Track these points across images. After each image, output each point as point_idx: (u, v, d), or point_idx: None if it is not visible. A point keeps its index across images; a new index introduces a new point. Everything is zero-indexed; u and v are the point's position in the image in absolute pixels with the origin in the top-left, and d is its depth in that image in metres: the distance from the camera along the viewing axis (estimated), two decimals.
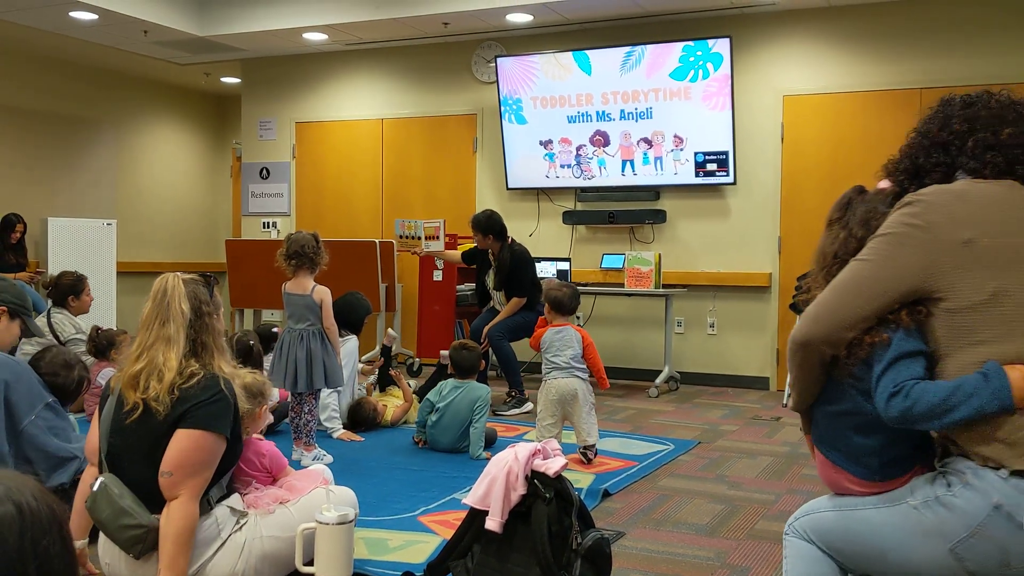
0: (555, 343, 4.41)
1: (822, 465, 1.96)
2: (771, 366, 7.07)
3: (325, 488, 2.71)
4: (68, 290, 5.40)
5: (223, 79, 10.04)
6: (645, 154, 7.28)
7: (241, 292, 7.85)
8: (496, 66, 7.68)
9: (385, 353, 5.56)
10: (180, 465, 2.33)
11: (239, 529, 2.48)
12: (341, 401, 5.01)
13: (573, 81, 7.41)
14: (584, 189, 7.61)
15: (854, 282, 1.84)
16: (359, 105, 8.62)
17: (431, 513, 3.47)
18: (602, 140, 7.42)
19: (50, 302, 5.44)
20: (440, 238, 6.63)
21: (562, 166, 7.59)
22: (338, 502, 2.62)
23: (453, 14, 7.15)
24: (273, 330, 5.29)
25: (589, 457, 4.31)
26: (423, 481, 3.95)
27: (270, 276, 5.10)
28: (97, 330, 5.05)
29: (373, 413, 5.09)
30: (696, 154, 7.10)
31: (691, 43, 6.97)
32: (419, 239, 6.70)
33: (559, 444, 2.79)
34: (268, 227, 9.06)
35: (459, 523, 2.72)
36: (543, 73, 7.50)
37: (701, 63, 6.96)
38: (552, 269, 7.16)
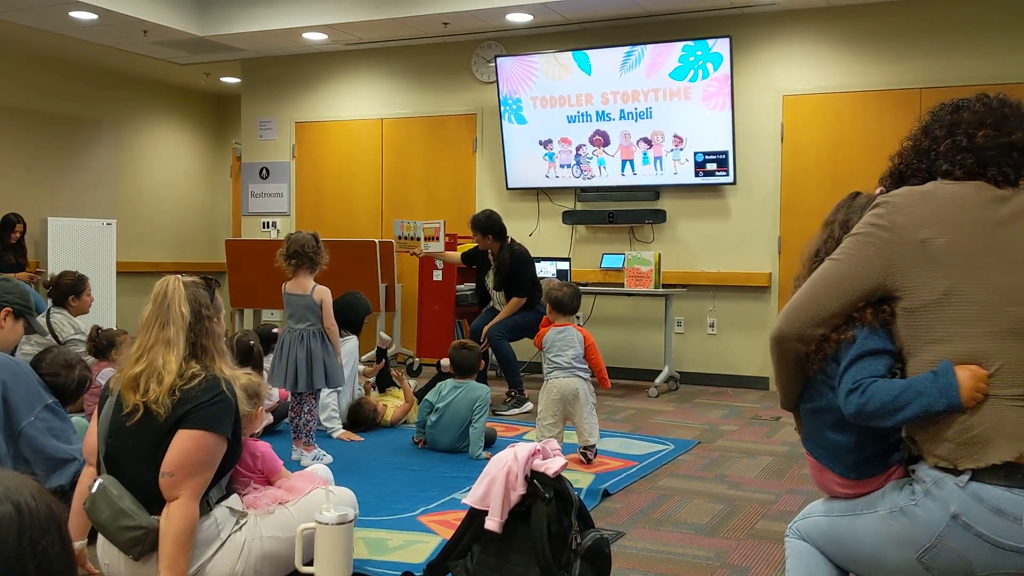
0: (557, 343, 4.41)
1: (811, 466, 2.01)
2: (771, 366, 7.06)
3: (325, 488, 2.71)
4: (69, 290, 5.39)
5: (223, 79, 10.04)
6: (645, 154, 7.28)
7: (241, 292, 7.85)
8: (496, 66, 7.68)
9: (381, 356, 5.57)
10: (181, 465, 2.34)
11: (239, 529, 2.48)
12: (341, 401, 5.01)
13: (573, 81, 7.41)
14: (584, 189, 7.61)
15: (823, 280, 1.88)
16: (359, 105, 8.62)
17: (431, 513, 3.47)
18: (602, 140, 7.42)
19: (50, 302, 5.43)
20: (440, 239, 6.60)
21: (562, 166, 7.59)
22: (338, 502, 2.62)
23: (453, 14, 7.15)
24: (273, 330, 5.29)
25: (589, 457, 4.32)
26: (423, 481, 3.95)
27: (270, 276, 5.11)
28: (97, 330, 5.04)
29: (373, 413, 5.09)
30: (696, 154, 7.10)
31: (691, 43, 6.96)
32: (418, 240, 6.68)
33: (559, 444, 2.79)
34: (268, 227, 9.06)
35: (459, 523, 2.72)
36: (543, 73, 7.50)
37: (701, 63, 6.96)
38: (552, 269, 7.15)
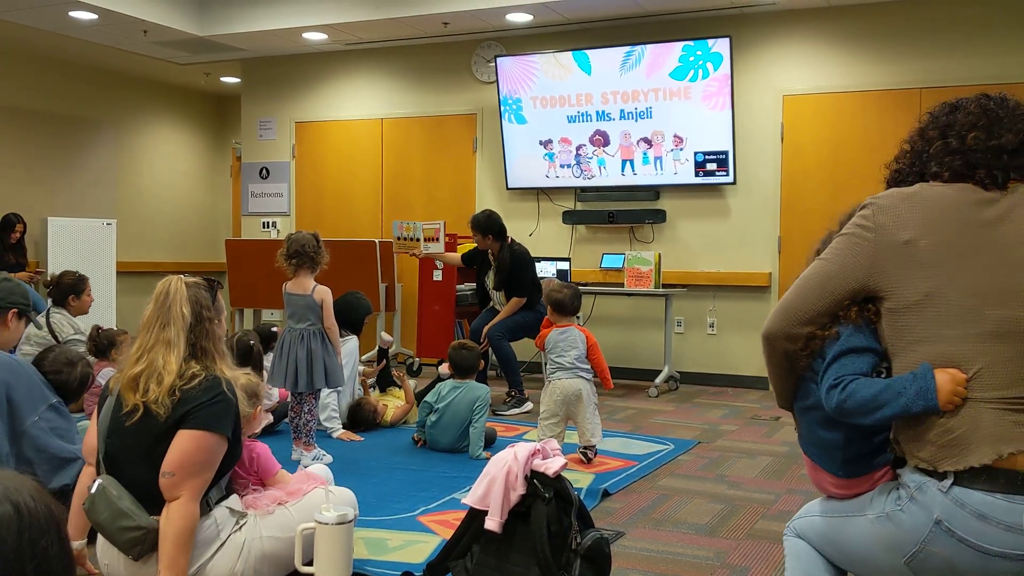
0: (560, 343, 4.42)
1: (807, 465, 2.01)
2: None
3: (324, 488, 2.71)
4: (69, 290, 5.39)
5: (223, 79, 10.04)
6: (645, 154, 7.28)
7: (241, 292, 7.85)
8: (496, 66, 7.68)
9: (383, 356, 5.57)
10: (182, 465, 2.33)
11: (238, 529, 2.48)
12: (341, 401, 5.01)
13: (573, 81, 7.41)
14: (584, 189, 7.61)
15: (810, 280, 1.89)
16: (359, 105, 8.62)
17: (431, 513, 3.47)
18: (602, 140, 7.42)
19: (50, 302, 5.43)
20: (440, 240, 6.55)
21: (562, 166, 7.58)
22: (337, 502, 2.62)
23: (453, 14, 7.14)
24: (272, 330, 5.28)
25: (589, 457, 4.32)
26: (423, 481, 3.95)
27: (270, 276, 5.11)
28: (98, 330, 5.04)
29: (373, 414, 5.09)
30: (696, 154, 7.09)
31: (691, 43, 6.96)
32: (417, 241, 6.65)
33: (559, 444, 2.79)
34: (268, 227, 9.06)
35: (459, 523, 2.72)
36: (543, 73, 7.50)
37: (701, 63, 6.96)
38: (552, 269, 7.15)
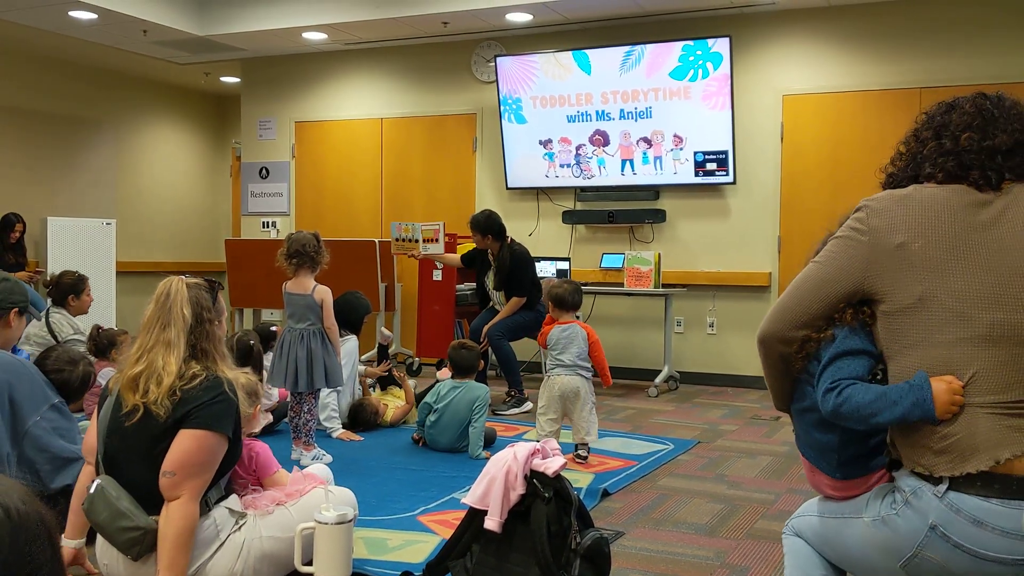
0: (561, 340, 4.42)
1: (805, 467, 2.01)
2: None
3: (324, 488, 2.71)
4: (69, 289, 5.39)
5: (223, 79, 10.04)
6: (645, 154, 7.28)
7: (241, 292, 7.84)
8: (496, 66, 7.68)
9: (383, 352, 5.57)
10: (183, 465, 2.33)
11: (238, 529, 2.48)
12: (341, 401, 5.01)
13: (573, 81, 7.41)
14: (584, 189, 7.61)
15: (805, 283, 1.89)
16: (358, 105, 8.62)
17: (430, 513, 3.47)
18: (602, 140, 7.42)
19: (49, 301, 5.43)
20: (439, 240, 6.49)
21: (562, 166, 7.58)
22: (337, 502, 2.62)
23: (452, 13, 7.14)
24: (272, 329, 5.29)
25: (583, 455, 4.32)
26: (423, 481, 3.95)
27: (270, 276, 5.11)
28: (98, 329, 5.05)
29: (374, 415, 5.09)
30: (696, 154, 7.09)
31: (691, 43, 6.96)
32: (416, 242, 6.61)
33: (558, 444, 2.79)
34: (268, 227, 9.05)
35: (458, 523, 2.72)
36: (543, 73, 7.50)
37: (701, 63, 6.96)
38: (552, 269, 7.15)
